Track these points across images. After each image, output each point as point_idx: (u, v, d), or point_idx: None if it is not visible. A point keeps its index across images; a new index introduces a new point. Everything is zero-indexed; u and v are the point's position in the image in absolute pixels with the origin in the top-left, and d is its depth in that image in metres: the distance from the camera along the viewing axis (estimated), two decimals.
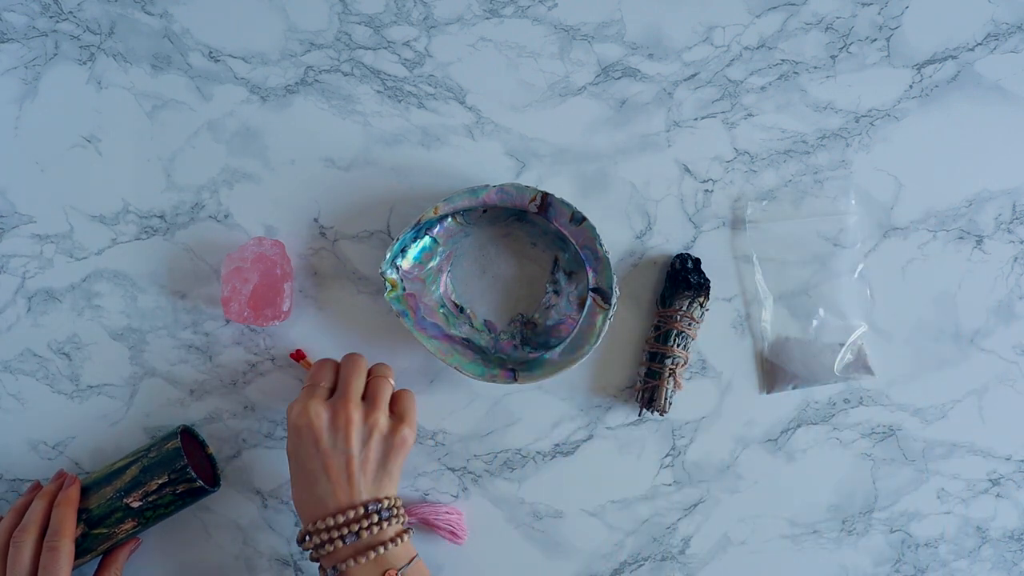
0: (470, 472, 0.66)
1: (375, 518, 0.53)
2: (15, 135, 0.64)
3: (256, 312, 0.62)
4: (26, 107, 0.64)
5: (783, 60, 0.65)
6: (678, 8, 0.64)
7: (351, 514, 0.53)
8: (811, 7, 0.65)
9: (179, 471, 0.58)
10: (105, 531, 0.58)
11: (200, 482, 0.59)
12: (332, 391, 0.57)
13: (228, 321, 0.64)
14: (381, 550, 0.52)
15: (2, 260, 0.64)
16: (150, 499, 0.58)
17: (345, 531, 0.52)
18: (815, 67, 0.65)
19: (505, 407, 0.65)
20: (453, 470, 0.66)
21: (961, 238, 0.66)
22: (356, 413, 0.55)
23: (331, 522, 0.52)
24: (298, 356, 0.64)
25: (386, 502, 0.54)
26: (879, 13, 0.65)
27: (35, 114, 0.64)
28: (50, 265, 0.64)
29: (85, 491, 0.59)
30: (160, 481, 0.58)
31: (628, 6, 0.64)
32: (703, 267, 0.64)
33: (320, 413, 0.54)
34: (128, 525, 0.59)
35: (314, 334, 0.65)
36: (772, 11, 0.65)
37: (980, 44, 0.65)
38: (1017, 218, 0.66)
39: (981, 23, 0.65)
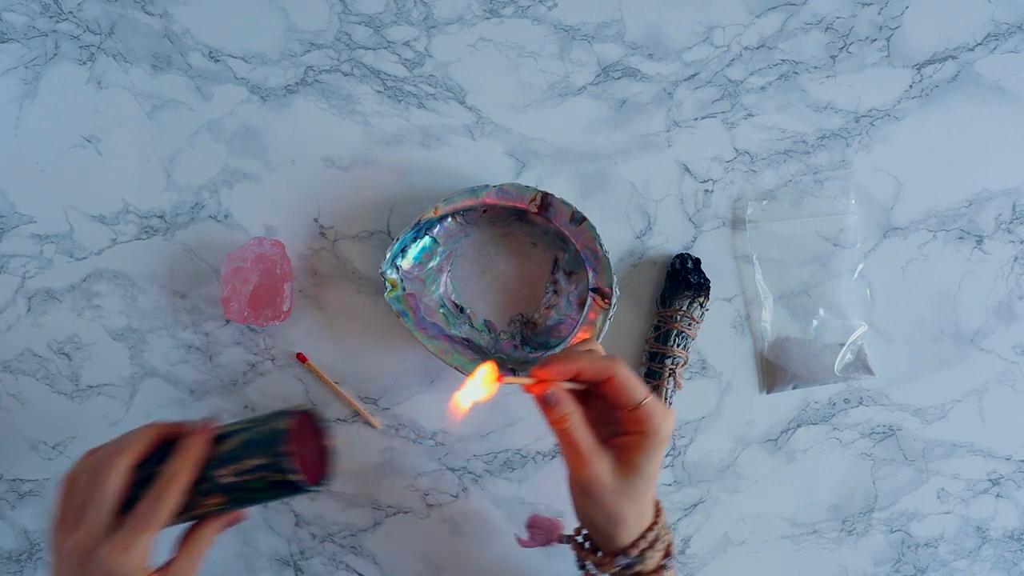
0: (470, 472, 0.66)
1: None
2: (15, 135, 0.64)
3: (256, 312, 0.62)
4: (26, 107, 0.64)
5: (783, 60, 0.65)
6: (678, 8, 0.64)
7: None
8: (811, 7, 0.65)
9: (278, 456, 0.48)
10: (190, 499, 0.50)
11: (296, 476, 0.49)
12: None
13: (228, 321, 0.64)
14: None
15: (2, 260, 0.64)
16: (242, 478, 0.49)
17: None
18: (815, 67, 0.65)
19: (505, 407, 0.65)
20: (453, 470, 0.66)
21: (961, 238, 0.66)
22: None
23: (661, 511, 0.53)
24: (302, 358, 0.64)
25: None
26: (879, 13, 0.65)
27: (35, 114, 0.64)
28: (50, 265, 0.64)
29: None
30: (256, 462, 0.49)
31: (628, 6, 0.64)
32: (703, 267, 0.64)
33: None
34: (214, 500, 0.50)
35: (314, 334, 0.65)
36: (772, 11, 0.65)
37: (980, 44, 0.65)
38: (1017, 218, 0.66)
39: (981, 23, 0.65)
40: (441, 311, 0.64)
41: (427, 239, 0.63)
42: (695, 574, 0.67)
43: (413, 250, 0.63)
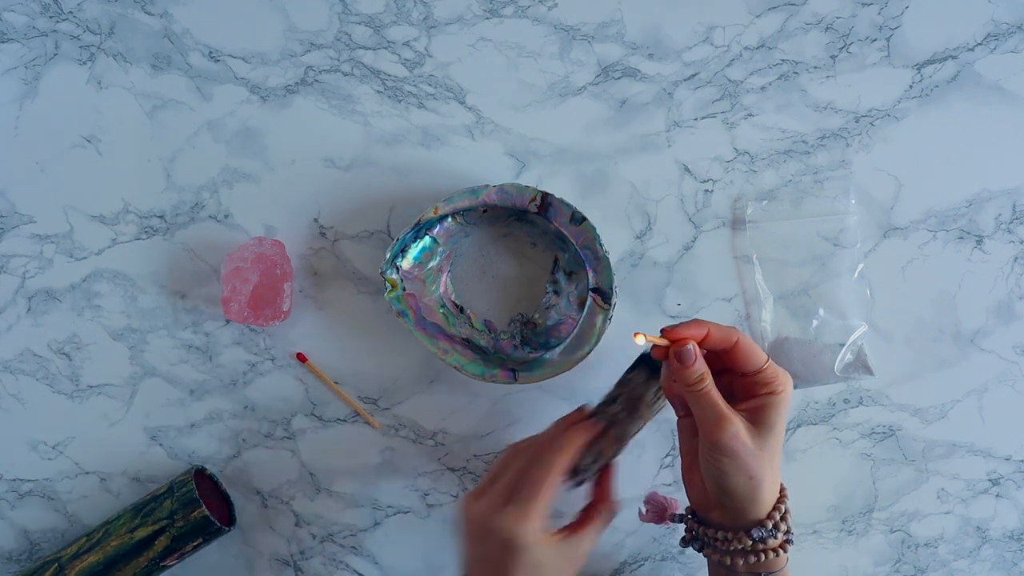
0: (470, 472, 0.66)
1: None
2: (15, 135, 0.64)
3: (256, 312, 0.62)
4: (26, 107, 0.64)
5: (783, 60, 0.65)
6: (678, 8, 0.64)
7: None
8: (811, 7, 0.65)
9: (211, 533, 0.61)
10: None
11: (225, 530, 0.61)
12: None
13: (228, 321, 0.64)
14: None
15: (2, 260, 0.64)
16: (186, 558, 0.62)
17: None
18: (815, 67, 0.65)
19: (505, 407, 0.65)
20: (453, 470, 0.66)
21: (961, 238, 0.66)
22: None
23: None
24: (302, 358, 0.64)
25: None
26: (879, 13, 0.65)
27: (35, 114, 0.64)
28: (50, 265, 0.64)
29: (114, 563, 0.60)
30: (195, 543, 0.61)
31: (628, 6, 0.64)
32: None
33: None
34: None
35: (314, 334, 0.65)
36: (772, 11, 0.65)
37: (980, 44, 0.65)
38: (1017, 218, 0.66)
39: (981, 23, 0.65)
40: (441, 311, 0.64)
41: (427, 239, 0.63)
42: (695, 574, 0.67)
43: (413, 250, 0.63)
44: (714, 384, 0.52)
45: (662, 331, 0.52)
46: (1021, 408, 0.67)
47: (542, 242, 0.64)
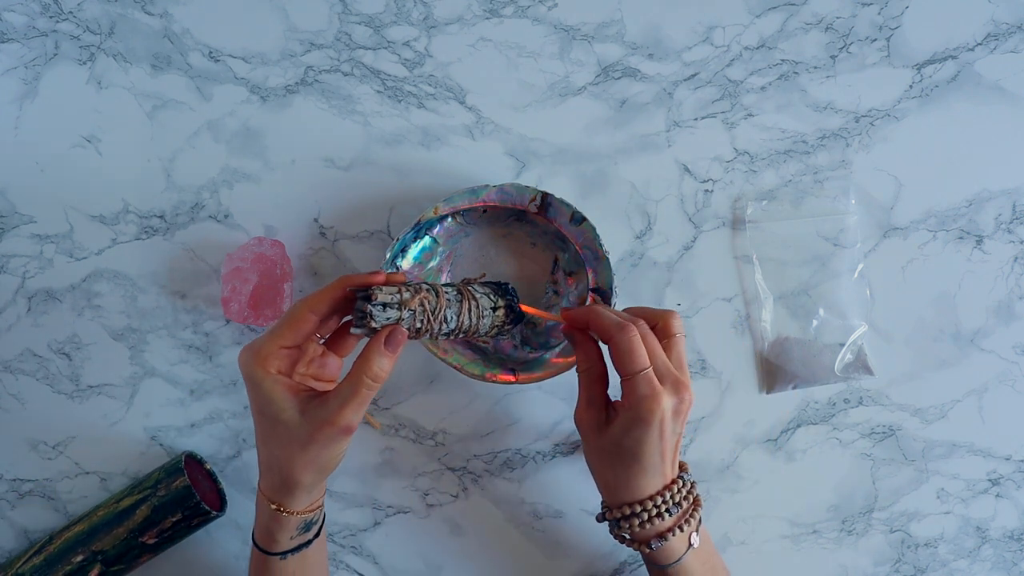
0: (470, 472, 0.66)
1: (689, 485, 0.54)
2: (15, 135, 0.64)
3: (256, 312, 0.62)
4: (26, 107, 0.64)
5: (783, 60, 0.65)
6: (678, 8, 0.64)
7: (674, 488, 0.52)
8: (811, 7, 0.65)
9: (192, 508, 0.60)
10: (123, 567, 0.61)
11: (214, 512, 0.61)
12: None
13: (228, 321, 0.64)
14: (697, 515, 0.54)
15: (2, 260, 0.64)
16: (165, 535, 0.61)
17: (666, 505, 0.52)
18: (815, 67, 0.65)
19: (505, 407, 0.65)
20: (453, 470, 0.66)
21: (961, 238, 0.66)
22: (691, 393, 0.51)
23: (658, 500, 0.52)
24: None
25: (687, 468, 0.55)
26: (879, 13, 0.65)
27: (35, 114, 0.64)
28: (50, 265, 0.64)
29: (96, 531, 0.60)
30: (174, 519, 0.60)
31: (628, 6, 0.64)
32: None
33: (669, 405, 0.50)
34: (144, 558, 0.62)
35: None
36: (772, 11, 0.65)
37: (980, 44, 0.65)
38: (1017, 218, 0.66)
39: (981, 23, 0.65)
40: None
41: (427, 239, 0.63)
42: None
43: (413, 250, 0.63)
44: (595, 372, 0.54)
45: (561, 311, 0.55)
46: (1021, 408, 0.67)
47: (542, 242, 0.64)
